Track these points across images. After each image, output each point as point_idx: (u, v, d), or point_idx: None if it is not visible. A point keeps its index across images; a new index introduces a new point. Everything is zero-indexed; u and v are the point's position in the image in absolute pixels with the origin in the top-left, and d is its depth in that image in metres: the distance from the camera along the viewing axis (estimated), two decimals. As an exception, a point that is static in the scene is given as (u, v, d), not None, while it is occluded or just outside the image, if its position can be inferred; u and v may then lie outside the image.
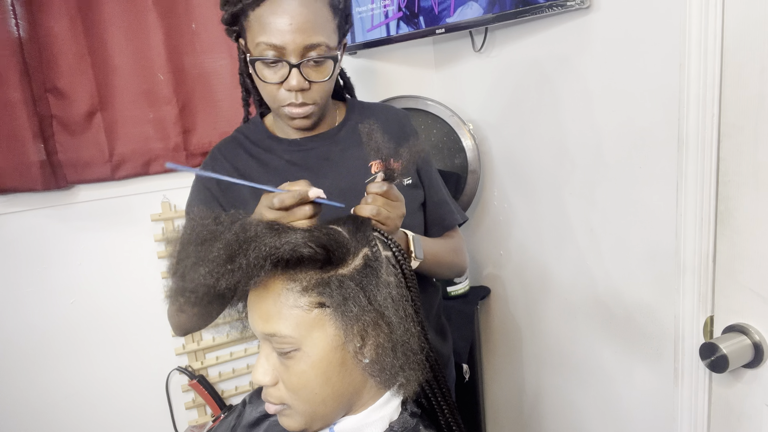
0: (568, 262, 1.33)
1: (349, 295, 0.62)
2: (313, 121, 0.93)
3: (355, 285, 0.62)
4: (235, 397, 1.56)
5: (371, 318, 0.63)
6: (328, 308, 0.62)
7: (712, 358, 0.86)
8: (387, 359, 0.64)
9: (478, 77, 1.54)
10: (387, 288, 0.65)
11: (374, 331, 0.63)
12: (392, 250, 0.70)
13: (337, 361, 0.64)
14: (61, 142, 1.29)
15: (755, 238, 0.85)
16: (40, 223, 1.33)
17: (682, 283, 0.99)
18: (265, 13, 0.83)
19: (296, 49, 0.83)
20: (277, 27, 0.83)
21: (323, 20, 0.85)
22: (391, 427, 0.69)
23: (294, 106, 0.89)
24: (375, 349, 0.64)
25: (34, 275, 1.34)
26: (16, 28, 1.19)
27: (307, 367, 0.63)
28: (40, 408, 1.37)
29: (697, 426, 1.00)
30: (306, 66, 0.86)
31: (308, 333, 0.62)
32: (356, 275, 0.63)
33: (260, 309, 0.64)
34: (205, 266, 0.60)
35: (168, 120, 1.38)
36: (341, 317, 0.62)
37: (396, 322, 0.64)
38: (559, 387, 1.46)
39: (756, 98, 0.82)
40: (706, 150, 0.90)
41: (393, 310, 0.64)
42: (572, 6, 1.12)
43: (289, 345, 0.63)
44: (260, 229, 0.62)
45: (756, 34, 0.81)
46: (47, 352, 1.37)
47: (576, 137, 1.23)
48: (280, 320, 0.62)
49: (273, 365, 0.66)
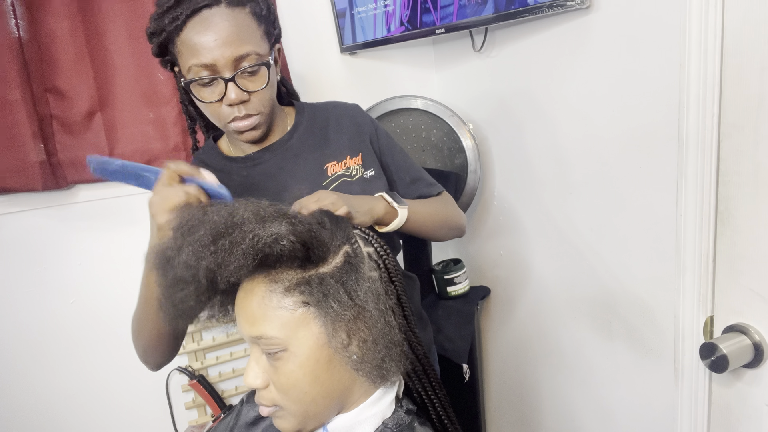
0: (568, 262, 1.33)
1: (330, 292, 0.63)
2: (261, 131, 0.93)
3: (335, 282, 0.63)
4: (235, 397, 1.56)
5: (352, 314, 0.64)
6: (311, 307, 0.64)
7: (712, 358, 0.86)
8: (369, 353, 0.65)
9: (478, 77, 1.54)
10: (368, 283, 0.66)
11: (356, 326, 0.65)
12: (374, 245, 0.72)
13: (324, 359, 0.65)
14: (61, 142, 1.29)
15: (755, 238, 0.85)
16: (40, 223, 1.33)
17: (682, 283, 0.99)
18: (189, 35, 0.84)
19: (227, 64, 0.84)
20: (203, 46, 0.83)
21: (248, 30, 0.85)
22: (385, 424, 0.70)
23: (239, 120, 0.89)
24: (359, 344, 0.65)
25: (34, 275, 1.34)
26: (16, 28, 1.19)
27: (296, 367, 0.64)
28: (39, 408, 1.37)
29: (697, 426, 1.00)
30: (241, 77, 0.86)
31: (294, 333, 0.64)
32: (337, 272, 0.64)
33: (246, 313, 0.65)
34: (189, 246, 0.62)
35: (168, 120, 1.37)
36: (324, 315, 0.63)
37: (377, 315, 0.65)
38: (559, 387, 1.46)
39: (756, 98, 0.82)
40: (706, 150, 0.90)
41: (374, 305, 0.65)
42: (572, 6, 1.12)
43: (276, 346, 0.64)
44: (247, 215, 0.63)
45: (756, 35, 0.81)
46: (47, 352, 1.37)
47: (576, 137, 1.23)
48: (265, 322, 0.63)
49: (263, 368, 0.67)
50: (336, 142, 1.00)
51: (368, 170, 1.00)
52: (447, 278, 1.59)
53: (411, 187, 1.07)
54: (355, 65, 1.63)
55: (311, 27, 1.55)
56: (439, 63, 1.70)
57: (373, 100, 1.58)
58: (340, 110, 1.05)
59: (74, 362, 1.39)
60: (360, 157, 1.00)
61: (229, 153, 1.02)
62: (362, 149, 1.01)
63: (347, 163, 0.99)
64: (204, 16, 0.83)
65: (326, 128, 1.02)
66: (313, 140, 1.00)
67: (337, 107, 1.06)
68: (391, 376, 0.68)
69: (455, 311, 1.56)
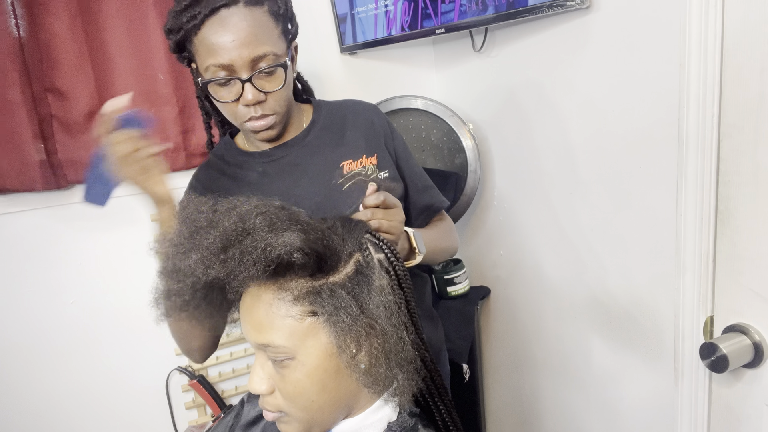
0: (568, 261, 1.33)
1: (341, 304, 0.61)
2: (277, 130, 0.94)
3: (346, 294, 0.62)
4: (235, 397, 1.56)
5: (364, 326, 0.62)
6: (320, 317, 0.62)
7: (712, 358, 0.86)
8: (380, 369, 0.63)
9: (478, 77, 1.54)
10: (380, 295, 0.64)
11: (367, 340, 0.63)
12: (384, 252, 0.69)
13: (332, 369, 0.63)
14: (61, 142, 1.29)
15: (755, 238, 0.85)
16: (40, 223, 1.33)
17: (682, 283, 0.99)
18: (207, 35, 0.84)
19: (244, 64, 0.84)
20: (221, 46, 0.83)
21: (266, 30, 0.85)
22: (390, 427, 0.69)
23: (255, 120, 0.89)
24: (369, 357, 0.63)
25: (34, 275, 1.34)
26: (16, 28, 1.19)
27: (303, 376, 0.63)
28: (39, 408, 1.37)
29: (697, 426, 1.00)
30: (258, 78, 0.86)
31: (302, 342, 0.62)
32: (348, 283, 0.63)
33: (253, 320, 0.64)
34: (198, 253, 0.60)
35: (168, 120, 1.37)
36: (333, 326, 0.61)
37: (389, 330, 0.63)
38: (559, 387, 1.46)
39: (756, 98, 0.82)
40: (706, 150, 0.90)
41: (386, 318, 0.63)
42: (572, 6, 1.12)
43: (283, 354, 0.62)
44: (258, 223, 0.61)
45: (756, 35, 0.81)
46: (47, 352, 1.37)
47: (576, 137, 1.23)
48: (272, 330, 0.62)
49: (268, 373, 0.65)
50: (352, 141, 1.00)
51: (383, 171, 0.99)
52: (447, 278, 1.59)
53: (423, 194, 1.06)
54: (356, 65, 1.63)
55: (311, 27, 1.55)
56: (439, 63, 1.70)
57: (373, 100, 1.57)
58: (358, 109, 1.05)
59: (74, 362, 1.39)
60: (375, 157, 0.99)
61: (245, 148, 1.02)
62: (378, 150, 1.00)
63: (363, 162, 0.98)
64: (222, 15, 0.82)
65: (343, 126, 1.01)
66: (329, 138, 1.00)
67: (354, 106, 1.05)
68: (405, 396, 0.66)
69: (455, 311, 1.56)
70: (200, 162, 1.45)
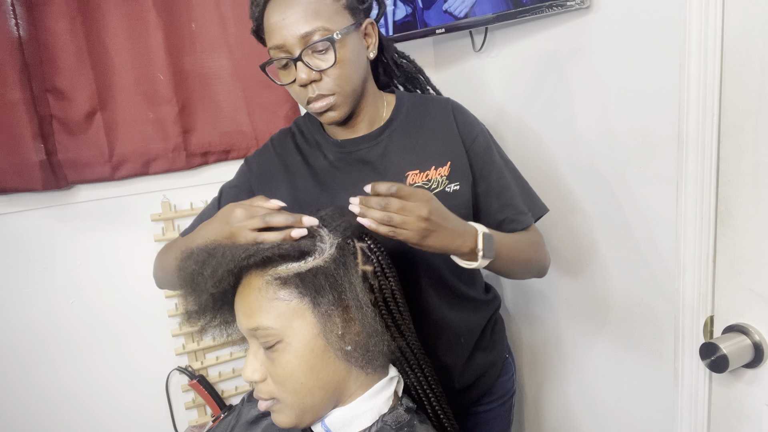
0: (567, 261, 1.33)
1: (323, 285, 0.66)
2: (340, 112, 0.89)
3: (327, 276, 0.67)
4: (235, 397, 1.56)
5: (343, 305, 0.67)
6: (305, 298, 0.67)
7: (712, 358, 0.86)
8: (360, 342, 0.68)
9: (478, 77, 1.54)
10: (360, 278, 0.70)
11: (348, 317, 0.68)
12: (366, 242, 0.74)
13: (319, 349, 0.67)
14: (61, 142, 1.29)
15: (755, 238, 0.85)
16: (40, 223, 1.33)
17: (682, 283, 0.99)
18: (266, 18, 0.85)
19: (294, 43, 0.83)
20: (273, 27, 0.83)
21: (318, 5, 0.83)
22: (384, 421, 0.70)
23: (313, 101, 0.87)
24: (351, 335, 0.68)
25: (34, 275, 1.34)
26: (16, 28, 1.19)
27: (291, 357, 0.66)
28: (39, 408, 1.37)
29: (697, 426, 1.00)
30: (311, 57, 0.84)
31: (289, 323, 0.66)
32: (330, 266, 0.68)
33: (244, 306, 0.68)
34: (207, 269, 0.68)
35: (168, 120, 1.38)
36: (317, 307, 0.67)
37: (365, 307, 0.68)
38: (558, 386, 1.46)
39: (756, 98, 0.82)
40: (706, 150, 0.90)
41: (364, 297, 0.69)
42: (572, 6, 1.12)
43: (272, 337, 0.66)
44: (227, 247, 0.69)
45: (756, 35, 0.81)
46: (47, 352, 1.37)
47: (576, 137, 1.23)
48: (261, 313, 0.66)
49: (261, 361, 0.69)
50: (424, 149, 0.95)
51: (453, 183, 0.94)
52: (447, 278, 1.59)
53: (497, 215, 0.99)
54: (355, 65, 1.63)
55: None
56: (439, 63, 1.70)
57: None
58: (442, 112, 0.99)
59: (74, 362, 1.39)
60: (448, 167, 0.94)
61: (327, 129, 1.00)
62: (453, 158, 0.95)
63: (430, 174, 0.93)
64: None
65: (420, 130, 0.97)
66: (402, 141, 0.96)
67: (438, 109, 1.00)
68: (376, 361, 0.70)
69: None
70: (200, 162, 1.45)
